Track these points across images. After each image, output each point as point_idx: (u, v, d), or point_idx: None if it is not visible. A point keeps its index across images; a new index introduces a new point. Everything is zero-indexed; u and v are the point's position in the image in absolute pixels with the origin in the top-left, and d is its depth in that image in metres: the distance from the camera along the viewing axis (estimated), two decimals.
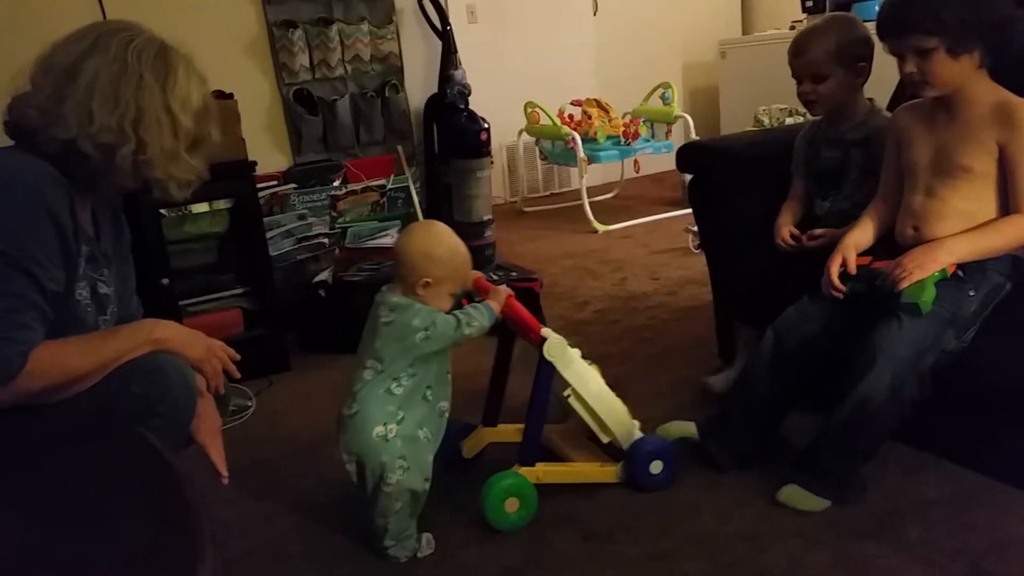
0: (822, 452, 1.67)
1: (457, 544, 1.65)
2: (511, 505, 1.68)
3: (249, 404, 2.41)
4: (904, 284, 1.58)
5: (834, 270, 1.71)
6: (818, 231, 1.94)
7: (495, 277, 3.07)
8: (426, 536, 1.65)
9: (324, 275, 2.98)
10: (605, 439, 1.79)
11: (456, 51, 3.58)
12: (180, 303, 2.56)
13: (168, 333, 1.37)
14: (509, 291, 1.74)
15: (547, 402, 1.73)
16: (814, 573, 1.48)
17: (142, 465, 1.14)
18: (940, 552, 1.49)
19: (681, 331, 2.70)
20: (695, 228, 3.07)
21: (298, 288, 2.94)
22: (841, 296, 1.70)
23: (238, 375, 1.46)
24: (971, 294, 1.62)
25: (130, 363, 1.31)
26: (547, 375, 1.71)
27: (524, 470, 1.72)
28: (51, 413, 1.27)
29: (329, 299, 2.89)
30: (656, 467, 1.77)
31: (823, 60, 1.89)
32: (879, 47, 1.73)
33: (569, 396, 1.74)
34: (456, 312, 1.63)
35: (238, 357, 1.46)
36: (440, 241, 1.63)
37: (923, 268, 1.59)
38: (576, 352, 1.74)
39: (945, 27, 1.53)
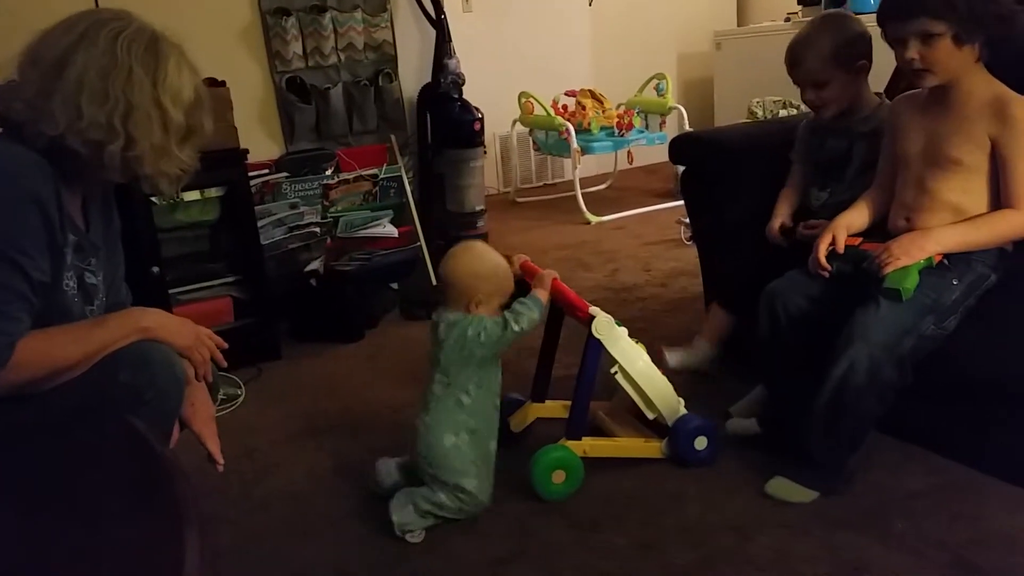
0: (808, 441, 1.67)
1: (445, 533, 1.65)
2: (558, 477, 1.73)
3: (239, 393, 2.41)
4: (889, 269, 1.59)
5: (822, 248, 1.72)
6: (813, 222, 1.94)
7: None
8: None
9: (315, 264, 2.98)
10: (651, 415, 1.83)
11: (450, 40, 3.56)
12: (170, 291, 2.55)
13: (156, 321, 1.37)
14: (554, 273, 1.79)
15: (594, 378, 1.77)
16: (799, 563, 1.49)
17: (129, 454, 1.14)
18: (924, 543, 1.50)
19: (672, 322, 2.71)
20: (687, 220, 3.08)
21: (289, 277, 2.94)
22: (826, 275, 1.72)
23: (224, 364, 1.46)
24: (954, 283, 1.63)
25: (117, 352, 1.31)
26: (595, 352, 1.75)
27: (571, 444, 1.76)
28: (38, 402, 1.27)
29: (320, 288, 2.90)
30: (700, 443, 1.80)
31: (821, 68, 1.87)
32: (876, 35, 1.72)
33: (616, 373, 1.78)
34: (505, 313, 1.70)
35: (225, 345, 1.45)
36: (483, 261, 1.72)
37: (909, 255, 1.60)
38: (623, 330, 1.77)
39: (955, 13, 1.53)
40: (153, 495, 1.01)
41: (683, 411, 1.83)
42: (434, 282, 3.23)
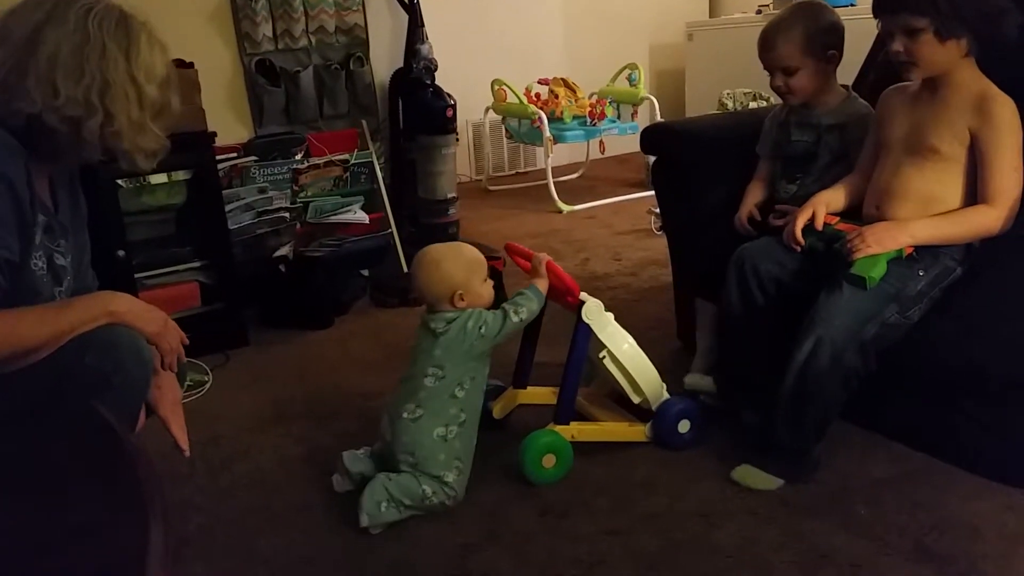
0: (774, 428, 1.69)
1: (415, 520, 1.65)
2: (548, 461, 1.74)
3: (206, 379, 2.38)
4: (858, 255, 1.61)
5: (800, 222, 1.74)
6: (781, 207, 1.95)
7: None
8: None
9: (284, 250, 2.94)
10: (636, 400, 1.84)
11: (423, 25, 3.54)
12: (136, 276, 2.51)
13: (125, 306, 1.36)
14: (547, 256, 1.79)
15: (583, 363, 1.78)
16: (765, 549, 1.51)
17: (93, 439, 1.12)
18: (886, 530, 1.53)
19: (641, 311, 2.73)
20: (657, 210, 3.10)
21: (258, 262, 2.91)
22: (798, 250, 1.74)
23: (184, 359, 1.47)
24: (920, 273, 1.66)
25: (85, 335, 1.29)
26: (584, 337, 1.76)
27: (560, 428, 1.77)
28: (2, 384, 1.25)
29: (289, 274, 2.87)
30: (684, 426, 1.82)
31: (791, 54, 1.89)
32: (857, 32, 1.74)
33: (604, 358, 1.78)
34: (504, 304, 1.70)
35: (187, 341, 1.46)
36: (441, 258, 1.71)
37: (881, 244, 1.62)
38: (610, 315, 1.78)
39: (937, 9, 1.55)
40: (117, 481, 1.00)
41: (666, 395, 1.85)
42: (405, 269, 3.22)
